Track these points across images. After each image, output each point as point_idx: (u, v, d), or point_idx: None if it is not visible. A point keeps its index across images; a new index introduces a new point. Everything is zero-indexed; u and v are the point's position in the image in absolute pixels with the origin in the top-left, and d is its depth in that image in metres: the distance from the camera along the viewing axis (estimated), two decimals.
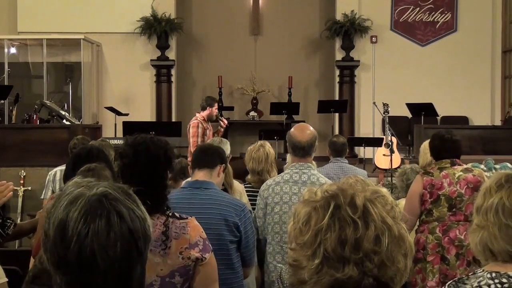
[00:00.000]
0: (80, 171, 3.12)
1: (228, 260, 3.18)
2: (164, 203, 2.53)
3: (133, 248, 1.24)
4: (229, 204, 3.24)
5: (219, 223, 3.15)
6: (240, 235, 3.23)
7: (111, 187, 1.28)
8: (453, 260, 4.14)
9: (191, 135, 7.75)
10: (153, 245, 2.44)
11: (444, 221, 4.18)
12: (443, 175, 4.21)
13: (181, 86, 13.16)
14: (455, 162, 4.25)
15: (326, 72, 13.20)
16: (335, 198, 1.26)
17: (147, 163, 2.50)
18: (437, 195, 4.20)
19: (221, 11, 13.15)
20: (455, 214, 4.18)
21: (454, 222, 4.17)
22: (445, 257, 4.15)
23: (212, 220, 3.13)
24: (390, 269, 1.23)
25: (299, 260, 1.26)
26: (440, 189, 4.19)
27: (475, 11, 12.48)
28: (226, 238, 3.17)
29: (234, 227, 3.20)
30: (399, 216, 1.28)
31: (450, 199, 4.18)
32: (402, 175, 5.03)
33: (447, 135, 4.30)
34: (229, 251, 3.19)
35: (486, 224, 1.88)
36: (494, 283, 1.80)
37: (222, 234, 3.16)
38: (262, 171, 4.72)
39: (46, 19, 12.30)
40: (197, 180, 3.28)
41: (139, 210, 1.28)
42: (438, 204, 4.20)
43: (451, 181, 4.19)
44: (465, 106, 12.29)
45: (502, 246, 1.84)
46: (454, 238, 4.15)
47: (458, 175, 4.19)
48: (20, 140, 8.92)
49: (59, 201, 1.24)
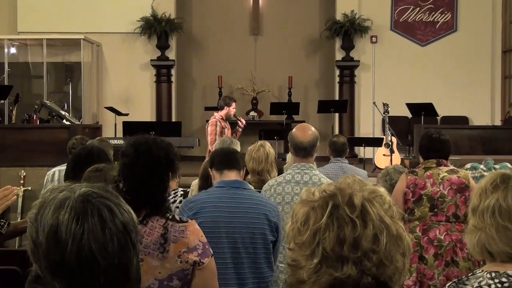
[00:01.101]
0: (88, 171, 3.11)
1: (269, 259, 3.21)
2: (163, 205, 2.52)
3: (128, 241, 1.25)
4: (269, 205, 3.27)
5: (263, 223, 3.17)
6: (277, 236, 3.26)
7: (92, 186, 1.28)
8: (431, 259, 4.16)
9: (208, 133, 7.81)
10: (151, 248, 2.43)
11: (425, 221, 4.21)
12: (427, 175, 4.23)
13: (181, 86, 13.16)
14: (441, 163, 4.27)
15: (326, 72, 13.20)
16: (333, 197, 1.26)
17: (148, 163, 2.49)
18: (419, 194, 4.22)
19: (221, 11, 13.15)
20: (437, 214, 4.20)
21: (435, 222, 4.19)
22: (423, 256, 4.17)
23: (257, 219, 3.15)
24: (389, 268, 1.24)
25: (298, 260, 1.26)
26: (423, 188, 4.22)
27: (475, 11, 12.48)
28: (268, 238, 3.20)
29: (275, 228, 3.23)
30: (397, 215, 1.28)
31: (432, 199, 4.20)
32: (385, 176, 4.98)
33: (435, 135, 4.31)
34: (270, 251, 3.22)
35: (483, 226, 1.87)
36: (494, 282, 1.80)
37: (265, 234, 3.18)
38: (262, 171, 4.72)
39: (46, 19, 12.30)
40: (236, 180, 3.25)
41: (124, 204, 1.29)
42: (420, 203, 4.22)
43: (435, 181, 4.21)
44: (465, 106, 12.29)
45: (500, 247, 1.85)
46: (433, 238, 4.17)
47: (442, 176, 4.21)
48: (20, 140, 8.92)
49: (44, 208, 1.24)
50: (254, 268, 3.10)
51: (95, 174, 3.05)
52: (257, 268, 3.10)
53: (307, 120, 11.53)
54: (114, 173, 3.10)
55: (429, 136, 4.33)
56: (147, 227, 2.45)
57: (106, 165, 3.17)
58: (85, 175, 3.07)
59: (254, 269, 3.10)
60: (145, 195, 2.47)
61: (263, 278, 3.16)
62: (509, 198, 1.86)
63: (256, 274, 3.12)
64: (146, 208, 2.47)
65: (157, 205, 2.49)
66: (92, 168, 3.11)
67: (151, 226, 2.45)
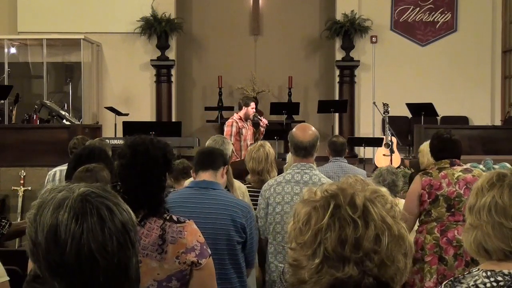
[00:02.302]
0: (78, 171, 3.12)
1: (235, 260, 3.19)
2: (161, 206, 2.52)
3: (127, 240, 1.25)
4: (236, 205, 3.24)
5: (227, 224, 3.15)
6: (245, 237, 3.23)
7: (91, 186, 1.28)
8: (451, 260, 4.13)
9: (224, 133, 7.82)
10: (150, 249, 2.43)
11: (442, 222, 4.17)
12: (442, 176, 4.20)
13: (181, 86, 13.16)
14: (454, 163, 4.24)
15: (326, 72, 13.20)
16: (335, 197, 1.26)
17: (145, 164, 2.48)
18: (436, 195, 4.19)
19: (221, 11, 13.15)
20: (454, 214, 4.16)
21: (453, 223, 4.16)
22: (443, 257, 4.14)
23: (221, 220, 3.13)
24: (390, 269, 1.23)
25: (299, 260, 1.26)
26: (439, 189, 4.18)
27: (475, 11, 12.49)
28: (234, 238, 3.17)
29: (241, 228, 3.20)
30: (399, 215, 1.28)
31: (448, 199, 4.17)
32: (378, 177, 4.95)
33: (446, 135, 4.29)
34: (236, 252, 3.19)
35: (480, 224, 1.88)
36: (490, 281, 1.81)
37: (230, 234, 3.16)
38: (262, 171, 4.72)
39: (46, 19, 12.30)
40: (204, 180, 3.26)
41: (123, 204, 1.29)
42: (437, 204, 4.19)
43: (450, 181, 4.18)
44: (465, 106, 12.29)
45: (496, 244, 1.85)
46: (452, 238, 4.13)
47: (457, 176, 4.18)
48: (20, 140, 8.92)
49: (43, 208, 1.24)
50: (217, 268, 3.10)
51: (85, 174, 3.05)
52: (220, 269, 3.07)
53: (307, 120, 11.54)
54: (105, 173, 3.10)
55: (439, 136, 4.31)
56: (145, 228, 2.45)
57: (97, 165, 3.18)
58: (75, 175, 3.08)
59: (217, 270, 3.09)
60: (143, 196, 2.47)
61: (228, 279, 3.13)
62: (505, 195, 1.86)
63: (219, 275, 3.10)
64: (144, 209, 2.47)
65: (155, 206, 2.49)
66: (83, 168, 3.11)
67: (149, 227, 2.45)
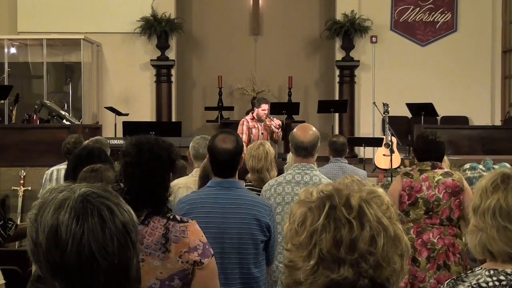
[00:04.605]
0: (83, 171, 3.11)
1: (257, 259, 3.18)
2: (164, 205, 2.52)
3: (128, 241, 1.25)
4: (260, 205, 3.22)
5: (251, 223, 3.14)
6: (270, 235, 3.22)
7: (92, 186, 1.28)
8: (424, 262, 4.16)
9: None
10: (153, 248, 2.43)
11: (419, 223, 4.20)
12: (422, 178, 4.22)
13: (181, 86, 13.16)
14: (436, 165, 4.25)
15: (326, 72, 13.20)
16: (330, 198, 1.26)
17: (150, 163, 2.49)
18: (416, 197, 4.21)
19: (221, 11, 13.15)
20: (431, 217, 4.19)
21: (429, 225, 4.19)
22: (416, 258, 4.16)
23: (245, 220, 3.12)
24: (386, 270, 1.23)
25: (295, 261, 1.25)
26: (419, 192, 4.20)
27: (475, 11, 12.48)
28: (257, 238, 3.16)
29: (266, 227, 3.19)
30: (395, 216, 1.28)
31: (427, 202, 4.19)
32: None
33: (431, 136, 4.28)
34: (259, 250, 3.19)
35: (484, 226, 1.88)
36: (492, 280, 1.81)
37: (254, 234, 3.14)
38: (262, 169, 4.71)
39: (46, 19, 12.30)
40: (226, 180, 3.20)
41: (124, 204, 1.29)
42: (416, 206, 4.21)
43: (430, 184, 4.19)
44: (465, 106, 12.29)
45: (501, 248, 1.85)
46: (427, 241, 4.16)
47: (438, 179, 4.20)
48: (20, 140, 8.93)
49: (44, 209, 1.24)
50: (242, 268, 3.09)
51: (90, 174, 3.05)
52: (245, 269, 3.09)
53: (307, 120, 11.53)
54: (110, 173, 3.10)
55: (424, 137, 4.31)
56: (148, 227, 2.45)
57: (102, 165, 3.17)
58: (80, 175, 3.08)
59: (242, 269, 3.09)
60: (147, 195, 2.48)
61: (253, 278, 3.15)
62: (510, 198, 1.86)
63: (244, 274, 3.11)
64: (147, 208, 2.48)
65: (159, 205, 2.50)
66: (88, 168, 3.11)
67: (153, 226, 2.46)
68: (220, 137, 3.17)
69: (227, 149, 3.12)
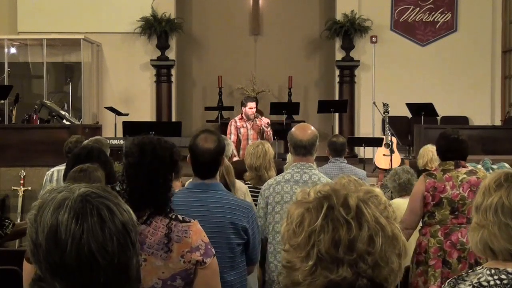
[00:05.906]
0: (72, 171, 3.13)
1: (234, 262, 3.13)
2: (167, 205, 2.52)
3: (128, 241, 1.25)
4: (237, 207, 3.14)
5: (226, 227, 3.08)
6: (248, 238, 3.16)
7: (91, 186, 1.28)
8: (455, 263, 4.09)
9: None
10: (155, 248, 2.44)
11: (446, 224, 4.13)
12: (446, 178, 4.14)
13: (181, 86, 13.16)
14: (459, 164, 4.18)
15: (326, 72, 13.20)
16: (328, 199, 1.25)
17: (152, 163, 2.50)
18: (440, 198, 4.14)
19: (221, 11, 13.16)
20: (457, 217, 4.12)
21: (456, 225, 4.12)
22: (446, 260, 4.10)
23: (220, 224, 3.05)
24: (384, 270, 1.23)
25: (293, 262, 1.25)
26: (443, 192, 4.13)
27: (475, 11, 12.48)
28: (233, 241, 3.10)
29: (242, 231, 3.12)
30: (393, 216, 1.27)
31: (452, 202, 4.12)
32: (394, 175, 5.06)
33: (453, 135, 4.21)
34: (235, 253, 3.13)
35: (486, 223, 1.88)
36: (494, 279, 1.81)
37: (230, 237, 3.08)
38: (260, 167, 4.70)
39: (46, 19, 12.30)
40: (204, 182, 3.12)
41: (124, 204, 1.29)
42: (441, 207, 4.14)
43: (454, 184, 4.12)
44: (465, 106, 12.29)
45: (502, 245, 1.85)
46: (456, 241, 4.09)
47: (462, 178, 4.13)
48: (20, 140, 8.93)
49: (43, 209, 1.24)
50: None
51: (79, 174, 3.06)
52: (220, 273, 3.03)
53: (307, 120, 11.54)
54: (99, 173, 3.10)
55: (447, 136, 4.23)
56: (151, 227, 2.46)
57: (91, 165, 3.17)
58: (69, 174, 3.09)
59: None
60: (149, 195, 2.48)
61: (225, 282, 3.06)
62: None
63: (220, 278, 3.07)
64: (149, 207, 2.48)
65: (161, 205, 2.50)
66: (77, 168, 3.12)
67: (155, 226, 2.46)
68: (202, 136, 3.07)
69: (209, 149, 3.03)
